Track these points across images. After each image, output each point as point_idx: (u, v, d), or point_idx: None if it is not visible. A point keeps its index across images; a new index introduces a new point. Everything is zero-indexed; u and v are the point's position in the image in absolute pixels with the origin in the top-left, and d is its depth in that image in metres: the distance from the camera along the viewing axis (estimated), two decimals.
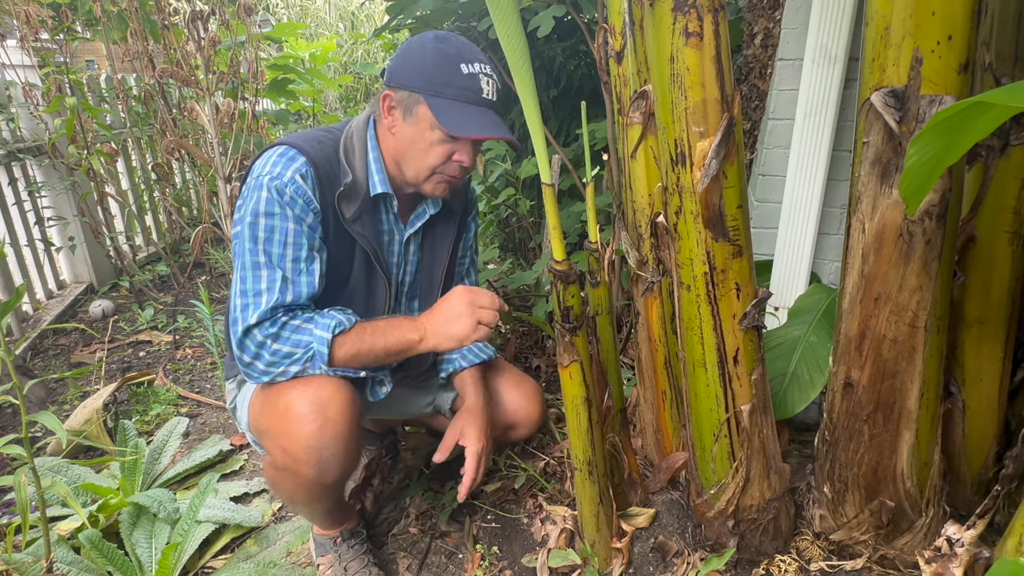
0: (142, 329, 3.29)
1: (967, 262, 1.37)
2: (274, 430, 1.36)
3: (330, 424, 1.31)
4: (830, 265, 2.24)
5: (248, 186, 1.37)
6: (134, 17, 3.36)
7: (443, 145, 1.37)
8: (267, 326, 1.32)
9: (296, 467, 1.33)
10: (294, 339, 1.33)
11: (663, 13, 1.11)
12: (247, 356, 1.33)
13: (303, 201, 1.35)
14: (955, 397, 1.47)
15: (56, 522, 1.75)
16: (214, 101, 3.09)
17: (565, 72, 3.10)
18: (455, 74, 1.33)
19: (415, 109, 1.36)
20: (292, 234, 1.34)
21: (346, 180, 1.41)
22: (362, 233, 1.44)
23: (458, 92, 1.34)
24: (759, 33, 2.42)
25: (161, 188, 4.15)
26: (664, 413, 1.76)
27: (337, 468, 1.36)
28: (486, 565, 1.63)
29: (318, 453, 1.31)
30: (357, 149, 1.44)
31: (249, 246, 1.33)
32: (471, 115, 1.34)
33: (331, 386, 1.34)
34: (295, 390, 1.33)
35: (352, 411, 1.36)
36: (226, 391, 1.65)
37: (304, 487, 1.41)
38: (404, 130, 1.39)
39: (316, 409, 1.31)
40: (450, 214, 1.63)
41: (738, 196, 1.20)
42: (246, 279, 1.33)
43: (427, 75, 1.34)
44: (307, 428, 1.30)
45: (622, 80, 1.55)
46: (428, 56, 1.35)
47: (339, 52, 9.55)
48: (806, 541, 1.51)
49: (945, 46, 1.03)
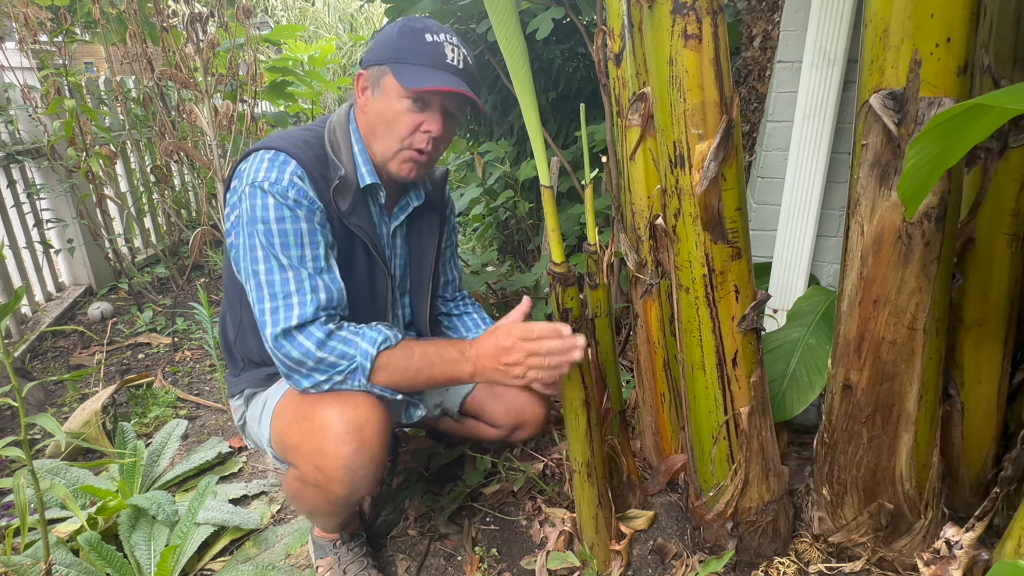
0: (141, 331, 3.29)
1: (966, 264, 1.37)
2: (307, 447, 1.33)
3: (367, 446, 1.30)
4: (829, 267, 2.24)
5: (239, 193, 1.34)
6: (133, 19, 3.36)
7: (410, 114, 1.36)
8: (313, 329, 1.29)
9: (328, 485, 1.32)
10: (340, 349, 1.30)
11: (662, 15, 1.11)
12: (291, 357, 1.29)
13: (307, 202, 1.33)
14: (954, 399, 1.47)
15: (55, 524, 1.75)
16: (213, 103, 3.10)
17: (564, 74, 3.10)
18: (418, 41, 1.34)
19: (381, 80, 1.37)
20: (307, 234, 1.32)
21: (339, 174, 1.40)
22: (359, 225, 1.44)
23: (420, 56, 1.34)
24: (758, 35, 2.42)
25: (160, 190, 4.14)
26: (663, 415, 1.76)
27: (367, 488, 1.36)
28: (485, 567, 1.63)
29: (352, 473, 1.30)
30: (342, 143, 1.44)
31: (264, 253, 1.30)
32: (433, 74, 1.33)
33: (368, 406, 1.32)
34: (332, 408, 1.31)
35: (387, 433, 1.35)
36: (232, 408, 1.62)
37: (331, 503, 1.40)
38: (374, 106, 1.39)
39: (353, 429, 1.29)
40: (433, 206, 1.63)
41: (737, 198, 1.20)
42: (273, 284, 1.29)
43: (391, 46, 1.36)
44: (344, 448, 1.28)
45: (621, 82, 1.55)
46: (394, 32, 1.37)
47: (338, 54, 9.57)
48: (805, 543, 1.51)
49: (944, 48, 1.03)
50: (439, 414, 1.77)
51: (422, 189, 1.60)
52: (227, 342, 1.58)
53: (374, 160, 1.45)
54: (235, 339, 1.55)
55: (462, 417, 1.76)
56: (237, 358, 1.57)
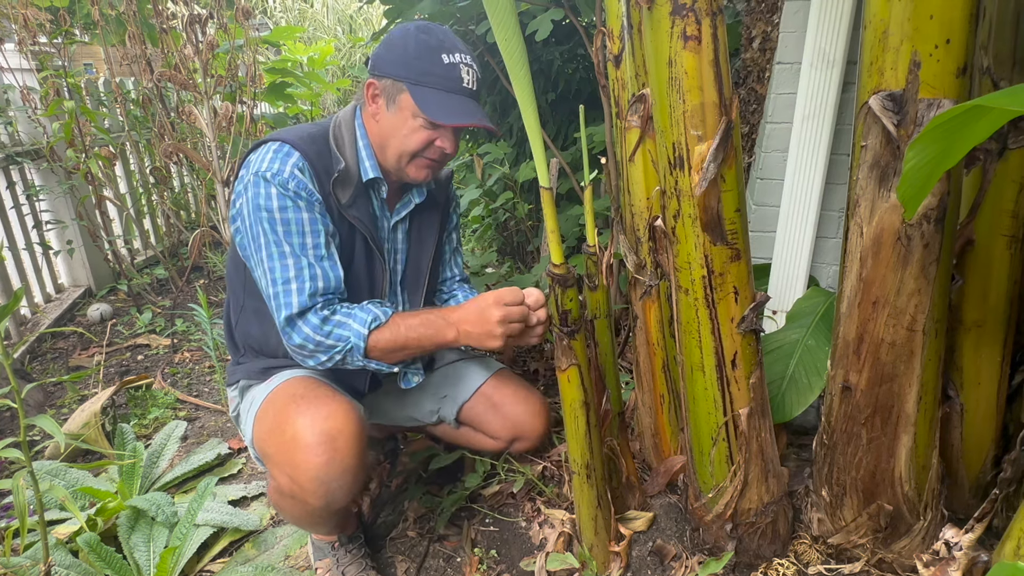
0: (140, 333, 3.29)
1: (965, 266, 1.37)
2: (280, 458, 1.35)
3: (339, 456, 1.31)
4: (828, 269, 2.24)
5: (245, 181, 1.40)
6: (132, 21, 3.36)
7: (424, 132, 1.42)
8: (310, 316, 1.38)
9: (303, 496, 1.33)
10: (336, 333, 1.39)
11: (661, 17, 1.11)
12: (293, 343, 1.40)
13: (305, 193, 1.39)
14: (953, 401, 1.47)
15: (54, 526, 1.74)
16: (212, 105, 3.10)
17: (563, 76, 3.10)
18: (436, 63, 1.38)
19: (398, 97, 1.41)
20: (308, 223, 1.40)
21: (339, 167, 1.45)
22: (358, 217, 1.49)
23: (438, 81, 1.38)
24: (757, 37, 2.42)
25: (159, 192, 4.14)
26: (662, 417, 1.75)
27: (345, 498, 1.37)
28: (484, 569, 1.63)
29: (326, 485, 1.31)
30: (346, 138, 1.49)
31: (266, 240, 1.38)
32: (451, 103, 1.39)
33: (341, 416, 1.34)
34: (304, 418, 1.33)
35: (361, 442, 1.36)
36: (228, 398, 1.65)
37: (310, 514, 1.42)
38: (387, 117, 1.44)
39: (325, 441, 1.30)
40: (435, 204, 1.68)
41: (736, 200, 1.20)
42: (275, 269, 1.38)
43: (409, 64, 1.39)
44: (315, 460, 1.30)
45: (620, 84, 1.55)
46: (410, 46, 1.39)
47: (337, 56, 9.58)
48: (804, 545, 1.51)
49: (943, 50, 1.03)
50: (436, 421, 1.78)
51: (425, 187, 1.63)
52: (229, 327, 1.63)
53: (385, 165, 1.50)
54: (236, 323, 1.60)
55: (459, 425, 1.77)
56: (238, 343, 1.61)
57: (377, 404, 1.76)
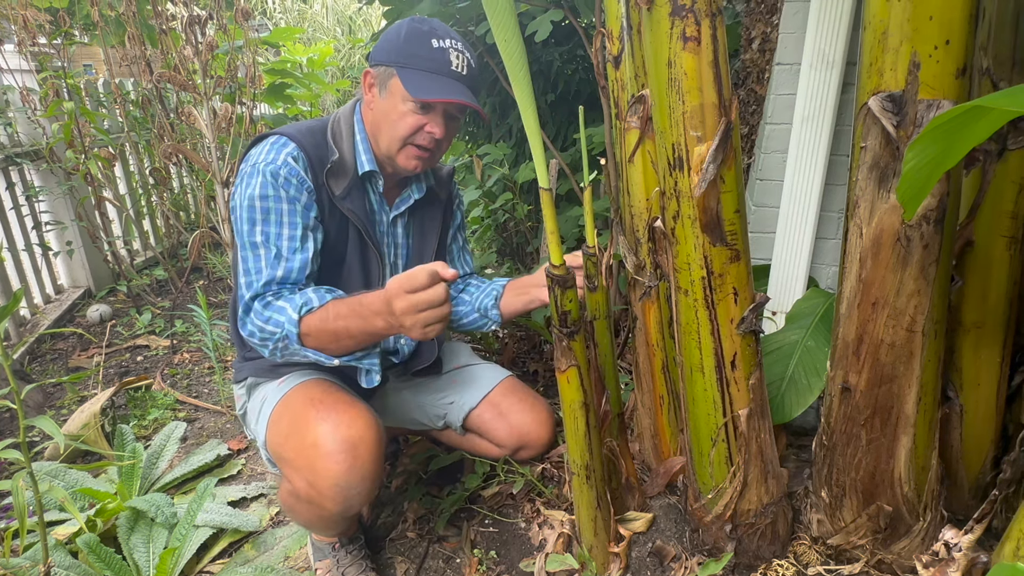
0: (140, 334, 3.29)
1: (965, 267, 1.37)
2: (300, 463, 1.35)
3: (359, 464, 1.31)
4: (828, 270, 2.24)
5: (243, 172, 1.42)
6: (132, 22, 3.36)
7: (414, 116, 1.42)
8: (258, 303, 1.37)
9: (321, 501, 1.33)
10: (274, 319, 1.34)
11: (661, 18, 1.11)
12: (245, 333, 1.39)
13: (296, 181, 1.40)
14: (953, 402, 1.47)
15: (54, 526, 1.74)
16: (211, 105, 3.09)
17: (563, 77, 3.10)
18: (424, 46, 1.40)
19: (388, 83, 1.43)
20: (287, 214, 1.40)
21: (332, 158, 1.46)
22: (351, 209, 1.49)
23: (425, 62, 1.39)
24: (757, 38, 2.42)
25: (159, 193, 4.14)
26: (662, 418, 1.75)
27: (361, 504, 1.38)
28: (484, 570, 1.63)
29: (345, 491, 1.31)
30: (344, 131, 1.51)
31: (247, 228, 1.39)
32: (438, 83, 1.40)
33: (361, 423, 1.34)
34: (325, 424, 1.33)
35: (380, 449, 1.36)
36: (235, 396, 1.65)
37: (324, 518, 1.43)
38: (380, 104, 1.46)
39: (347, 448, 1.30)
40: (435, 200, 1.68)
41: (736, 200, 1.20)
42: (247, 259, 1.39)
43: (399, 49, 1.41)
44: (336, 467, 1.30)
45: (620, 84, 1.55)
46: (402, 33, 1.42)
47: (337, 56, 9.58)
48: (804, 546, 1.51)
49: (943, 50, 1.03)
50: (442, 427, 1.77)
51: (424, 183, 1.64)
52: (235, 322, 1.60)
53: (379, 153, 1.51)
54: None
55: (465, 432, 1.77)
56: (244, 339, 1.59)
57: (383, 406, 1.76)
